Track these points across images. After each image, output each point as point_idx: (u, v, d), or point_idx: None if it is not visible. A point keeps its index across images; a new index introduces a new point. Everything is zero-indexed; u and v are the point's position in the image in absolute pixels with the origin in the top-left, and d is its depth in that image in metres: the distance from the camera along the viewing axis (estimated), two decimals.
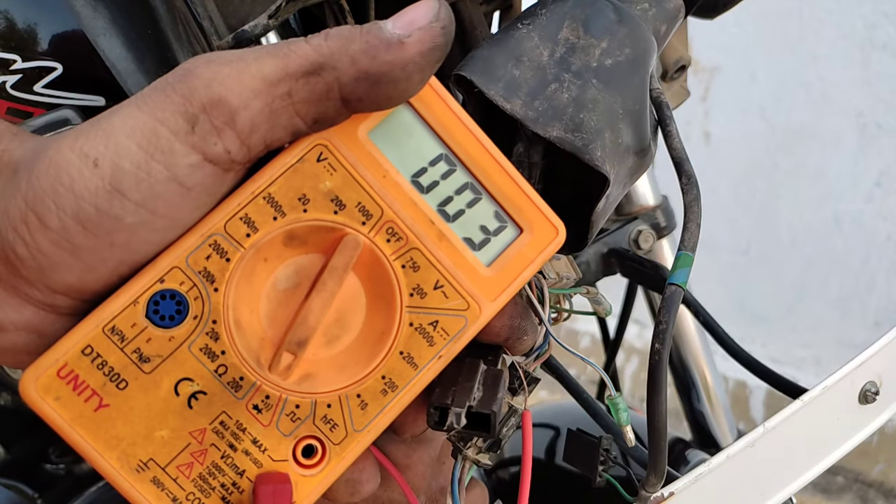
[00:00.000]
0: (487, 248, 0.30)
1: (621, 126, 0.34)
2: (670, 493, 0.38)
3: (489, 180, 0.30)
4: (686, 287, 0.33)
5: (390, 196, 0.29)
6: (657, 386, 0.33)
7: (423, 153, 0.29)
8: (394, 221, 0.29)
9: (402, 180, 0.29)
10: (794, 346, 1.83)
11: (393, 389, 0.29)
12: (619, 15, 0.35)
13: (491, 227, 0.30)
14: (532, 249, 0.30)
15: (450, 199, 0.30)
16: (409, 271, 0.29)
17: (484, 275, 0.30)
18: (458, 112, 0.30)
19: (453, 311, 0.30)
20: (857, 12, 1.58)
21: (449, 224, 0.30)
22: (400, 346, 0.29)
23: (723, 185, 1.84)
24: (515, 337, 0.32)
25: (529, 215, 0.30)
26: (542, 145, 0.34)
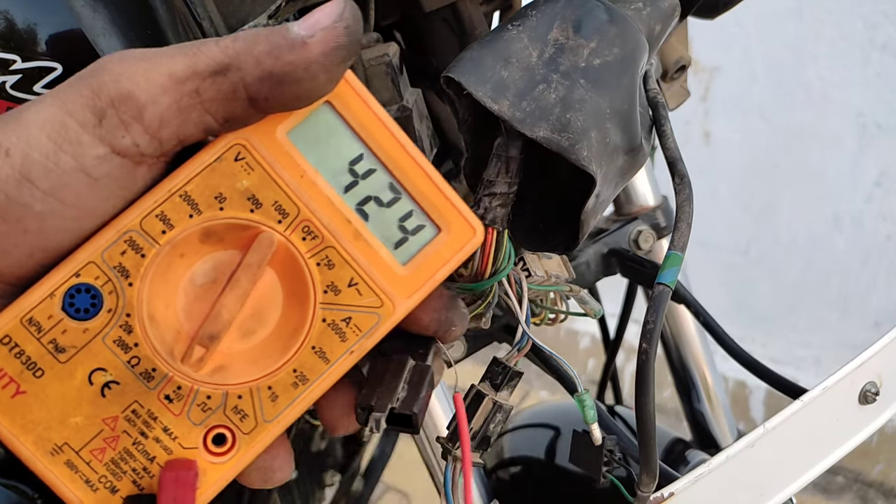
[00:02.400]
0: (404, 248, 0.31)
1: (609, 126, 0.34)
2: (670, 493, 0.39)
3: (408, 180, 0.30)
4: (674, 287, 0.33)
5: (307, 195, 0.29)
6: (645, 385, 0.33)
7: (343, 153, 0.30)
8: (310, 220, 0.29)
9: (321, 180, 0.30)
10: (794, 346, 1.83)
11: (304, 382, 0.30)
12: (609, 15, 0.35)
13: (409, 227, 0.31)
14: (449, 249, 0.31)
15: (368, 199, 0.30)
16: (324, 269, 0.30)
17: (399, 273, 0.31)
18: (379, 112, 0.30)
19: (366, 309, 0.30)
20: (857, 12, 1.58)
21: (366, 223, 0.30)
22: (312, 341, 0.30)
23: (723, 185, 1.84)
24: (444, 329, 0.33)
25: (448, 215, 0.31)
26: (520, 141, 0.34)
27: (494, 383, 0.36)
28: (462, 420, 0.33)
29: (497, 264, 0.35)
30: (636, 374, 0.33)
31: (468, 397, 0.36)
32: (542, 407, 0.79)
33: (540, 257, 0.42)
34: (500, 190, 0.34)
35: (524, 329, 0.35)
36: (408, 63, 0.49)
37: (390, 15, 0.51)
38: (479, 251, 0.35)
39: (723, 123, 1.80)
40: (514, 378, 0.36)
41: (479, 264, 0.35)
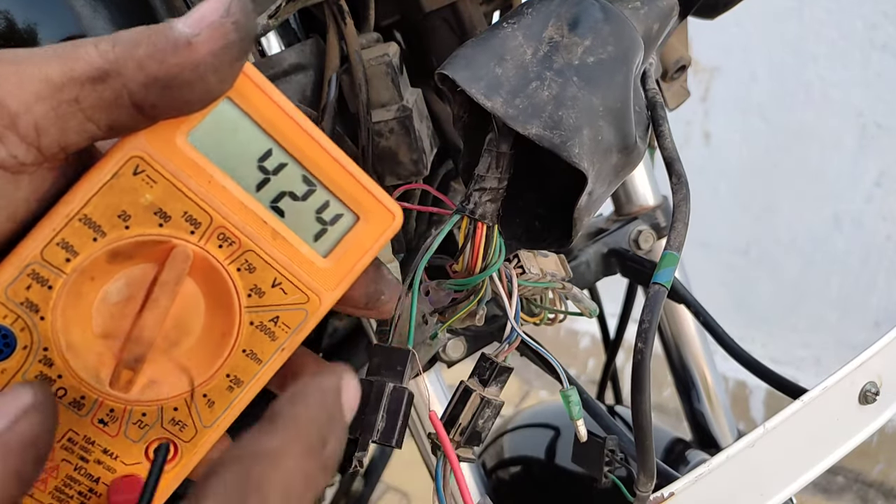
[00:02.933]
0: (324, 240, 0.31)
1: (602, 123, 0.34)
2: (670, 493, 0.38)
3: (321, 171, 0.30)
4: (670, 286, 0.33)
5: (218, 201, 0.28)
6: (641, 385, 0.33)
7: (251, 150, 0.29)
8: (224, 226, 0.29)
9: (230, 182, 0.29)
10: (794, 346, 1.83)
11: (239, 385, 0.30)
12: (605, 13, 0.35)
13: (326, 218, 0.30)
14: (369, 236, 0.31)
15: (283, 195, 0.30)
16: (245, 273, 0.29)
17: (322, 266, 0.30)
18: (283, 103, 0.29)
19: (293, 306, 0.30)
20: (857, 12, 1.58)
21: (283, 220, 0.30)
22: (242, 345, 0.30)
23: (723, 185, 1.84)
24: (374, 302, 0.33)
25: (365, 203, 0.31)
26: (511, 137, 0.34)
27: (482, 379, 0.36)
28: (444, 440, 0.33)
29: (487, 259, 0.35)
30: (632, 374, 0.34)
31: (456, 393, 0.36)
32: (542, 407, 0.79)
33: (536, 255, 0.42)
34: (490, 185, 0.35)
35: (513, 325, 0.35)
36: (408, 63, 0.49)
37: (390, 15, 0.51)
38: (470, 246, 0.35)
39: (723, 123, 1.80)
40: (503, 374, 0.36)
41: (469, 260, 0.35)
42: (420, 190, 0.50)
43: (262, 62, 0.44)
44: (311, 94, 0.44)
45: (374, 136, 0.44)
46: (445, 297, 0.37)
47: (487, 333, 0.53)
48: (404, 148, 0.44)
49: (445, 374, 0.53)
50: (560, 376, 0.38)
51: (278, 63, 0.44)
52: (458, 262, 0.35)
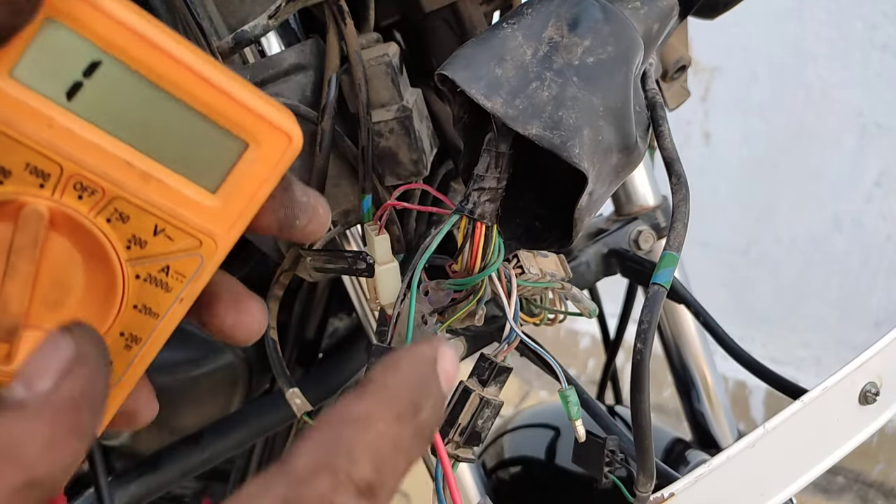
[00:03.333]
0: (209, 174, 0.27)
1: (602, 123, 0.34)
2: (670, 493, 0.38)
3: (190, 95, 0.25)
4: (669, 286, 0.33)
5: (66, 145, 0.24)
6: (640, 385, 0.33)
7: (99, 82, 0.24)
8: (80, 174, 0.25)
9: (78, 121, 0.24)
10: (794, 346, 1.83)
11: (136, 342, 0.28)
12: (604, 13, 0.35)
13: (207, 149, 0.26)
14: (263, 164, 0.27)
15: (149, 128, 0.25)
16: (118, 224, 0.26)
17: (211, 205, 0.27)
18: (129, 19, 0.24)
19: (184, 252, 0.27)
20: (857, 12, 1.58)
21: (153, 158, 0.26)
22: (132, 301, 0.27)
23: (723, 185, 1.84)
24: (287, 227, 0.30)
25: (252, 126, 0.26)
26: (510, 136, 0.34)
27: (482, 379, 0.36)
28: (439, 446, 0.33)
29: (486, 259, 0.35)
30: (631, 374, 0.34)
31: (456, 394, 0.36)
32: (542, 407, 0.79)
33: (535, 255, 0.42)
34: (489, 185, 0.35)
35: (511, 324, 0.35)
36: (408, 63, 0.49)
37: (390, 15, 0.51)
38: (469, 246, 0.35)
39: (723, 123, 1.80)
40: (502, 373, 0.36)
41: (468, 259, 0.35)
42: (420, 190, 0.49)
43: (262, 62, 0.44)
44: (311, 94, 0.44)
45: (374, 136, 0.44)
46: (445, 297, 0.37)
47: (487, 334, 0.52)
48: (404, 148, 0.44)
49: None
50: (559, 376, 0.38)
51: (278, 63, 0.43)
52: (457, 262, 0.35)
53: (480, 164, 0.35)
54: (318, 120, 0.43)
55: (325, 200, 0.32)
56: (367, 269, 0.41)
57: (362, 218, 0.45)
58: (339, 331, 0.74)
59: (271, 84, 0.43)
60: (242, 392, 0.74)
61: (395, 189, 0.43)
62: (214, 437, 0.63)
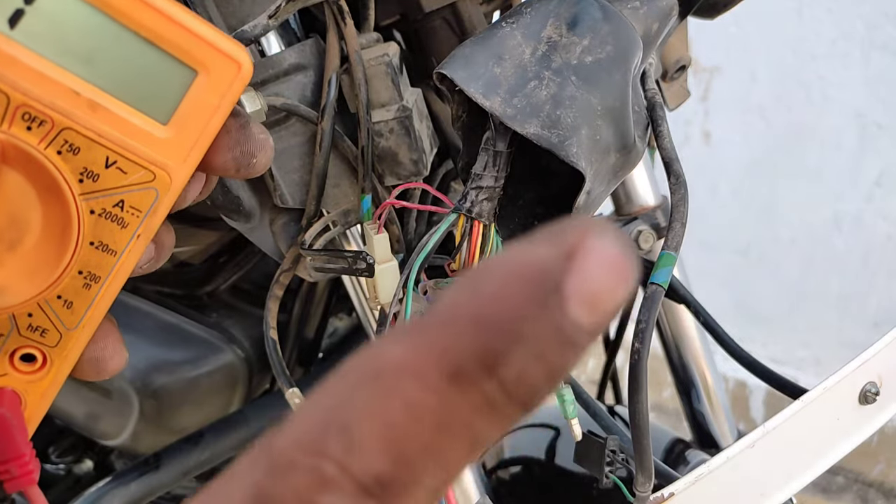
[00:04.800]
0: (159, 104, 0.26)
1: (600, 123, 0.34)
2: (670, 493, 0.38)
3: (136, 22, 0.25)
4: (667, 286, 0.33)
5: (11, 74, 0.24)
6: (638, 385, 0.33)
7: (41, 8, 0.24)
8: (27, 104, 0.24)
9: (21, 50, 0.24)
10: (794, 346, 1.83)
11: (96, 281, 0.27)
12: (604, 13, 0.35)
13: (156, 78, 0.26)
14: (214, 92, 0.26)
15: (95, 57, 0.25)
16: (69, 156, 0.25)
17: (162, 136, 0.26)
18: None
19: (138, 186, 0.27)
20: (857, 12, 1.58)
21: (101, 87, 0.25)
22: (88, 237, 0.27)
23: (723, 185, 1.83)
24: (245, 165, 0.29)
25: (199, 54, 0.26)
26: (507, 135, 0.34)
27: None
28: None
29: (484, 258, 0.35)
30: (629, 374, 0.34)
31: None
32: (542, 407, 0.79)
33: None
34: (486, 184, 0.35)
35: None
36: (408, 63, 0.49)
37: (390, 15, 0.51)
38: (466, 245, 0.35)
39: (723, 123, 1.80)
40: None
41: (466, 258, 0.35)
42: (420, 189, 0.49)
43: (262, 62, 0.44)
44: (311, 94, 0.44)
45: (374, 136, 0.44)
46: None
47: None
48: (404, 148, 0.44)
49: None
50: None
51: (278, 63, 0.43)
52: (455, 261, 0.35)
53: (478, 163, 0.35)
54: (318, 120, 0.43)
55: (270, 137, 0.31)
56: (367, 268, 0.41)
57: (362, 218, 0.45)
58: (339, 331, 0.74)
59: (271, 84, 0.43)
60: (242, 392, 0.74)
61: (394, 189, 0.43)
62: (214, 437, 0.63)
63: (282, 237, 0.47)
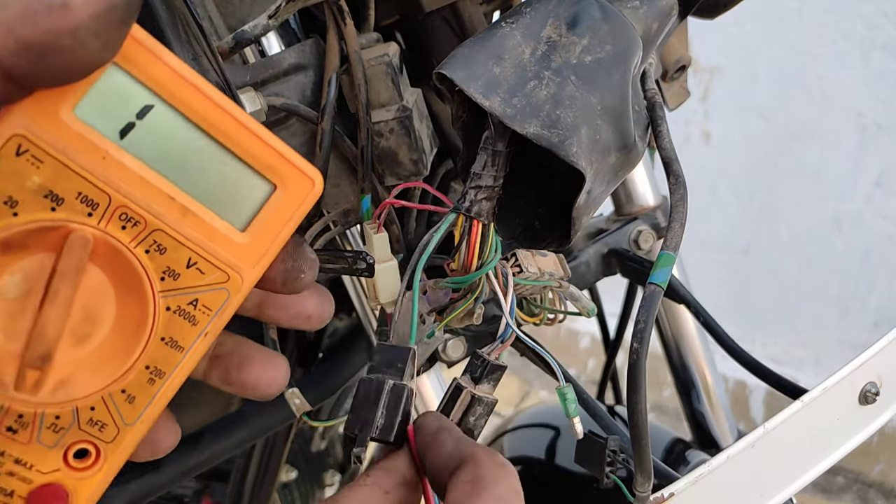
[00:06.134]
0: (240, 212, 0.28)
1: (600, 122, 0.34)
2: (670, 493, 0.38)
3: (229, 139, 0.28)
4: (665, 286, 0.33)
5: (116, 178, 0.26)
6: (637, 384, 0.33)
7: (149, 123, 0.26)
8: (126, 206, 0.26)
9: (128, 157, 0.26)
10: (794, 346, 1.83)
11: (160, 377, 0.28)
12: (603, 12, 0.35)
13: (240, 189, 0.28)
14: (289, 205, 0.29)
15: (189, 167, 0.27)
16: (156, 255, 0.27)
17: (240, 241, 0.29)
18: (180, 67, 0.26)
19: (213, 286, 0.28)
20: (857, 12, 1.58)
21: (192, 195, 0.27)
22: (160, 333, 0.28)
23: (723, 185, 1.84)
24: (292, 279, 0.31)
25: (280, 170, 0.29)
26: (506, 135, 0.34)
27: (474, 376, 0.36)
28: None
29: (483, 257, 0.35)
30: (628, 374, 0.34)
31: (448, 391, 0.36)
32: (542, 407, 0.79)
33: (534, 255, 0.42)
34: (485, 183, 0.35)
35: (508, 322, 0.35)
36: (408, 63, 0.49)
37: (390, 15, 0.51)
38: (465, 244, 0.35)
39: (723, 123, 1.80)
40: (495, 371, 0.36)
41: (465, 257, 0.35)
42: (420, 190, 0.49)
43: (262, 62, 0.44)
44: (311, 94, 0.44)
45: (374, 136, 0.44)
46: (443, 296, 0.37)
47: (488, 334, 0.52)
48: (404, 148, 0.44)
49: (446, 375, 0.53)
50: (556, 373, 0.38)
51: (278, 63, 0.43)
52: (455, 260, 0.35)
53: (477, 163, 0.35)
54: (318, 120, 0.43)
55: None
56: (367, 268, 0.41)
57: (361, 217, 0.45)
58: (339, 331, 0.74)
59: (271, 84, 0.43)
60: None
61: (394, 188, 0.43)
62: (214, 437, 0.63)
63: None
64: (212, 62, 0.38)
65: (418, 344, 0.38)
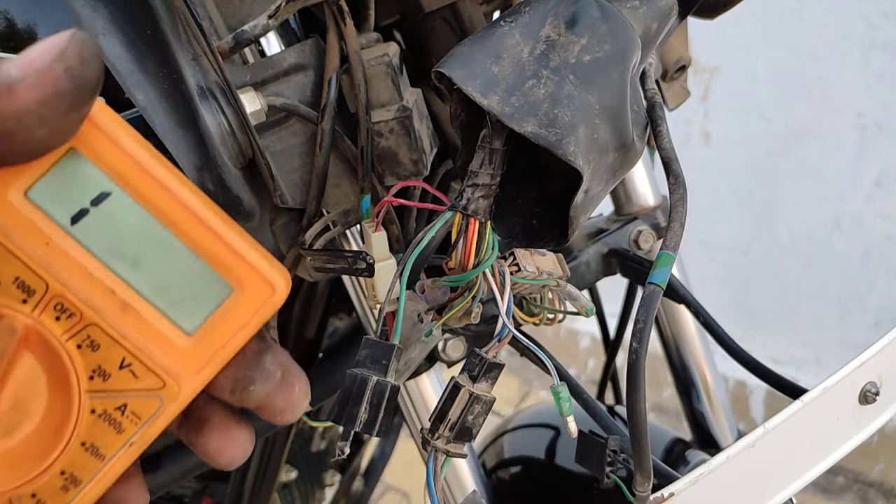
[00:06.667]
0: (190, 313, 0.27)
1: (598, 122, 0.34)
2: (670, 493, 0.38)
3: (187, 234, 0.26)
4: (665, 286, 0.33)
5: (57, 266, 0.25)
6: (636, 384, 0.33)
7: (104, 211, 0.25)
8: (63, 296, 0.25)
9: (74, 245, 0.25)
10: (794, 346, 1.83)
11: (75, 485, 0.26)
12: (602, 12, 0.35)
13: (193, 289, 0.26)
14: (245, 311, 0.27)
15: (141, 260, 0.26)
16: (88, 351, 0.26)
17: (183, 346, 0.26)
18: (143, 158, 0.25)
19: (145, 392, 0.26)
20: (857, 12, 1.58)
21: (138, 290, 0.26)
22: (81, 437, 0.26)
23: (723, 185, 1.83)
24: (240, 389, 0.29)
25: (240, 272, 0.27)
26: (504, 133, 0.34)
27: (472, 375, 0.36)
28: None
29: (480, 256, 0.35)
30: (627, 374, 0.34)
31: (446, 390, 0.36)
32: (542, 407, 0.79)
33: (533, 254, 0.43)
34: (483, 181, 0.35)
35: (504, 321, 0.35)
36: (408, 63, 0.49)
37: (390, 15, 0.51)
38: (462, 242, 0.35)
39: (723, 123, 1.80)
40: (493, 370, 0.36)
41: (462, 256, 0.35)
42: (420, 190, 0.50)
43: (262, 62, 0.44)
44: (311, 94, 0.44)
45: (374, 136, 0.44)
46: (441, 294, 0.37)
47: (487, 333, 0.53)
48: (404, 148, 0.44)
49: (446, 374, 0.53)
50: (551, 372, 0.38)
51: (278, 63, 0.43)
52: (452, 259, 0.35)
53: (475, 161, 0.35)
54: (318, 120, 0.43)
55: (305, 381, 0.31)
56: (367, 268, 0.41)
57: (361, 217, 0.45)
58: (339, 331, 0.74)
59: (271, 84, 0.43)
60: None
61: (393, 188, 0.43)
62: None
63: (282, 237, 0.47)
64: (212, 62, 0.38)
65: (417, 343, 0.38)
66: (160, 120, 0.35)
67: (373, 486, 0.99)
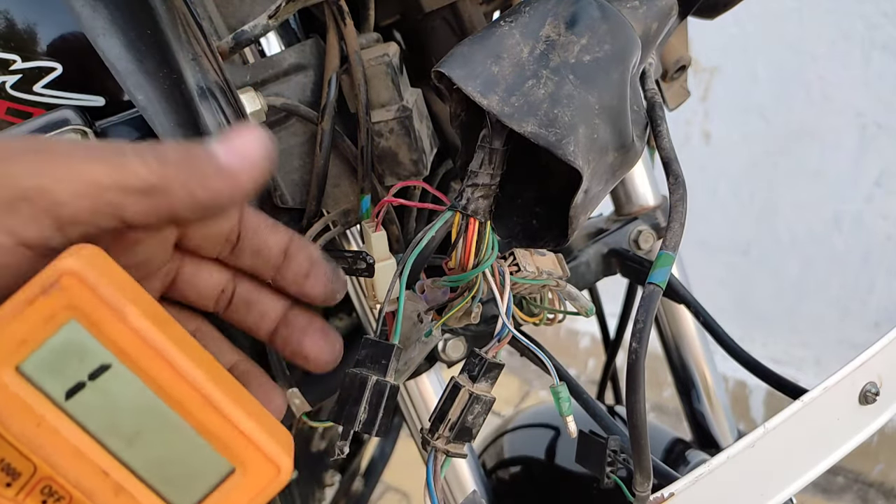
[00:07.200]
0: (187, 493, 0.25)
1: (597, 122, 0.34)
2: (670, 493, 0.38)
3: (188, 411, 0.25)
4: (664, 286, 0.33)
5: (48, 447, 0.24)
6: (635, 384, 0.33)
7: (101, 386, 0.24)
8: (51, 478, 0.24)
9: (67, 424, 0.24)
10: (794, 346, 1.83)
11: None
12: (602, 12, 0.35)
13: (193, 467, 0.25)
14: (246, 491, 0.26)
15: (138, 438, 0.25)
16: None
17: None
18: (147, 331, 0.25)
19: None
20: (857, 12, 1.58)
21: (134, 468, 0.25)
22: None
23: (723, 185, 1.83)
24: None
25: (242, 451, 0.26)
26: (504, 133, 0.34)
27: (472, 375, 0.36)
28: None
29: (480, 256, 0.35)
30: (626, 374, 0.34)
31: (446, 390, 0.36)
32: (542, 407, 0.79)
33: (533, 254, 0.43)
34: (482, 181, 0.35)
35: (504, 321, 0.35)
36: (408, 63, 0.49)
37: (390, 15, 0.51)
38: (462, 242, 0.35)
39: (723, 123, 1.80)
40: (493, 370, 0.36)
41: (461, 256, 0.35)
42: (421, 190, 0.50)
43: (262, 62, 0.44)
44: (311, 94, 0.44)
45: (374, 136, 0.44)
46: (441, 294, 0.37)
47: (488, 334, 0.52)
48: (404, 148, 0.44)
49: (446, 374, 0.53)
50: (550, 372, 0.38)
51: (278, 63, 0.43)
52: (451, 259, 0.35)
53: (474, 161, 0.35)
54: (318, 120, 0.43)
55: None
56: (367, 268, 0.41)
57: (361, 217, 0.45)
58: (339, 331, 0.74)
59: (271, 84, 0.43)
60: None
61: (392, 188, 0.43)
62: None
63: None
64: (212, 62, 0.38)
65: (416, 343, 0.38)
66: (160, 120, 0.35)
67: (373, 486, 0.99)
